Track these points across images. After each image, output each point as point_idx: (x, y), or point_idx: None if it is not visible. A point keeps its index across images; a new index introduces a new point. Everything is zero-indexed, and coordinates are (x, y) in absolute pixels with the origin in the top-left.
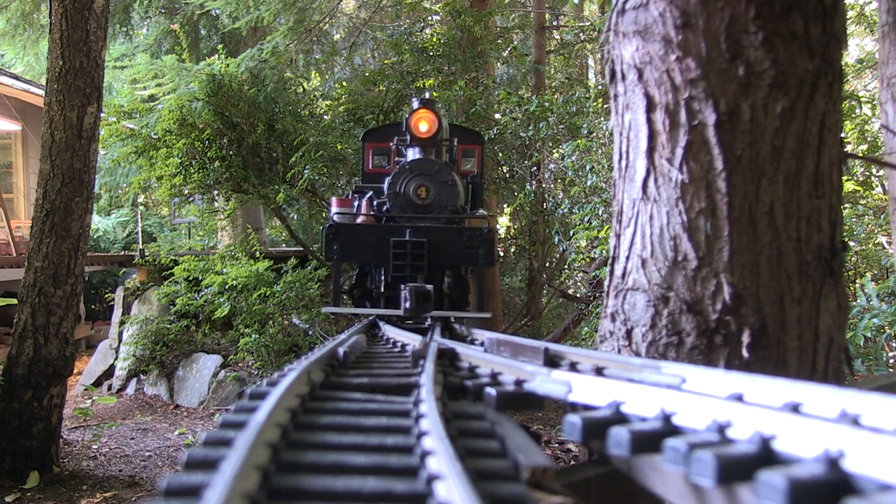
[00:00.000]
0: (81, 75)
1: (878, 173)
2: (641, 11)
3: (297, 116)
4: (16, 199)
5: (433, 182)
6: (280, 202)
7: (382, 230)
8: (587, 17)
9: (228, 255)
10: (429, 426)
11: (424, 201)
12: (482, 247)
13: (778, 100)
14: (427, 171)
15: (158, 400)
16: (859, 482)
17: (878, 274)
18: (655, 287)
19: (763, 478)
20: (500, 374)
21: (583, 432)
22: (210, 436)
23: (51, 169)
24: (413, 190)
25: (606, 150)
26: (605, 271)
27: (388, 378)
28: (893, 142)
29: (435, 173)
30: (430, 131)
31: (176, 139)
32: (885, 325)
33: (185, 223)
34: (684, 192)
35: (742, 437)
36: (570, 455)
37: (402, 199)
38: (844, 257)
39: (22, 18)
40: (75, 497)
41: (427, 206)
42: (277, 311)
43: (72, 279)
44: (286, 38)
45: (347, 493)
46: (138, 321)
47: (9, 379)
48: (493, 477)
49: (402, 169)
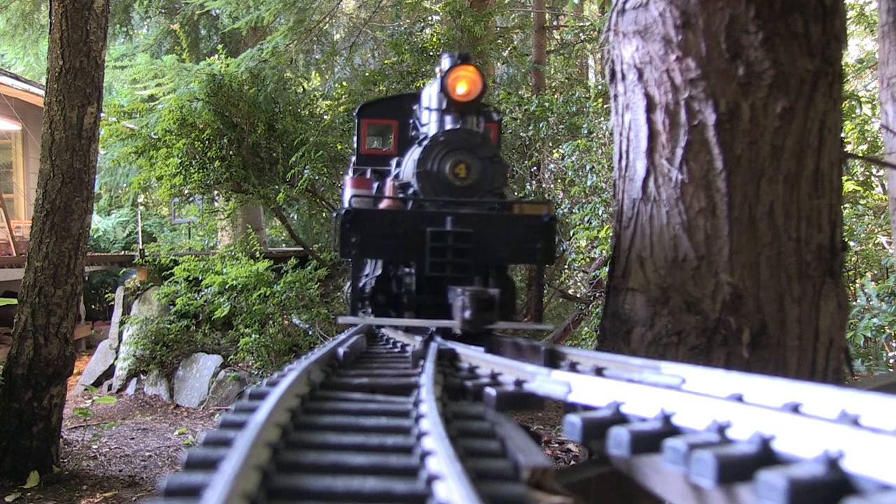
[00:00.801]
0: (81, 75)
1: (878, 173)
2: (641, 11)
3: (297, 116)
4: (16, 199)
5: (474, 158)
6: (280, 202)
7: (415, 218)
8: (587, 17)
9: (228, 255)
10: (429, 426)
11: (464, 182)
12: (542, 239)
13: (778, 100)
14: (467, 145)
15: (158, 400)
16: (859, 482)
17: (878, 274)
18: (655, 287)
19: (763, 478)
20: (500, 374)
21: (583, 433)
22: (210, 436)
23: (51, 169)
24: (450, 168)
25: (606, 150)
26: (605, 271)
27: (388, 378)
28: (893, 142)
29: (476, 147)
30: (470, 94)
31: (176, 139)
32: (885, 325)
33: (185, 223)
34: (684, 192)
35: (742, 438)
36: (570, 455)
37: (435, 180)
38: (844, 257)
39: (22, 18)
40: (75, 497)
41: (467, 188)
42: (277, 311)
43: (72, 279)
44: (286, 38)
45: (347, 493)
46: (138, 321)
47: (9, 379)
48: (493, 477)
49: (435, 141)
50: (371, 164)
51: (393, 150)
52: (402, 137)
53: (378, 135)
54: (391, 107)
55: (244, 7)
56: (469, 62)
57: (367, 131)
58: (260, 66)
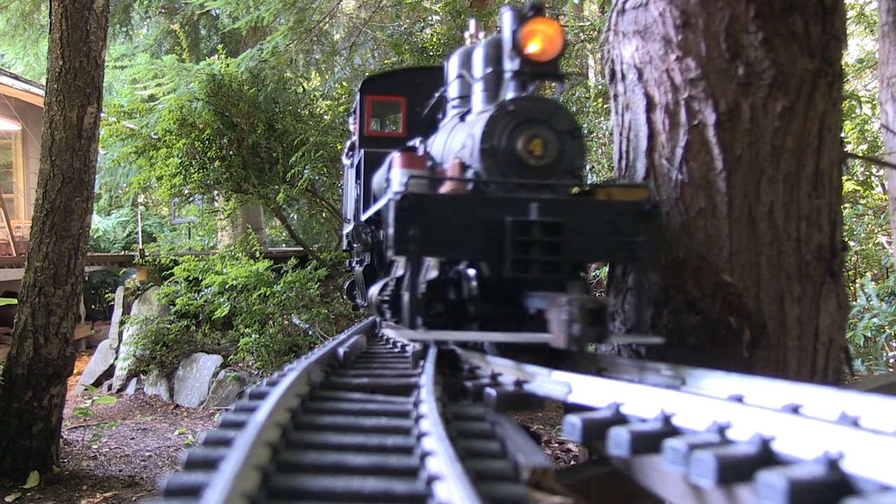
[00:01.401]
0: (81, 75)
1: (878, 173)
2: (641, 11)
3: (297, 116)
4: (16, 199)
5: (551, 132)
6: (280, 202)
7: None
8: (587, 17)
9: (228, 255)
10: (429, 427)
11: (540, 161)
12: (644, 231)
13: (778, 100)
14: (541, 115)
15: (158, 400)
16: (859, 483)
17: (878, 274)
18: (655, 287)
19: (763, 478)
20: (500, 374)
21: (583, 433)
22: (210, 435)
23: (51, 169)
24: (523, 144)
25: (606, 150)
26: (605, 271)
27: (388, 378)
28: (893, 142)
29: (551, 118)
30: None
31: (176, 139)
32: (885, 325)
33: (185, 223)
34: (684, 192)
35: (742, 438)
36: (570, 455)
37: (504, 158)
38: (844, 257)
39: (22, 18)
40: (75, 497)
41: (543, 168)
42: (277, 311)
43: (72, 279)
44: (286, 38)
45: (347, 493)
46: (138, 321)
47: (9, 379)
48: (494, 477)
49: (503, 111)
50: (375, 148)
51: (402, 131)
52: (412, 117)
53: (385, 114)
54: (399, 82)
55: (244, 7)
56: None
57: (372, 110)
58: (260, 66)
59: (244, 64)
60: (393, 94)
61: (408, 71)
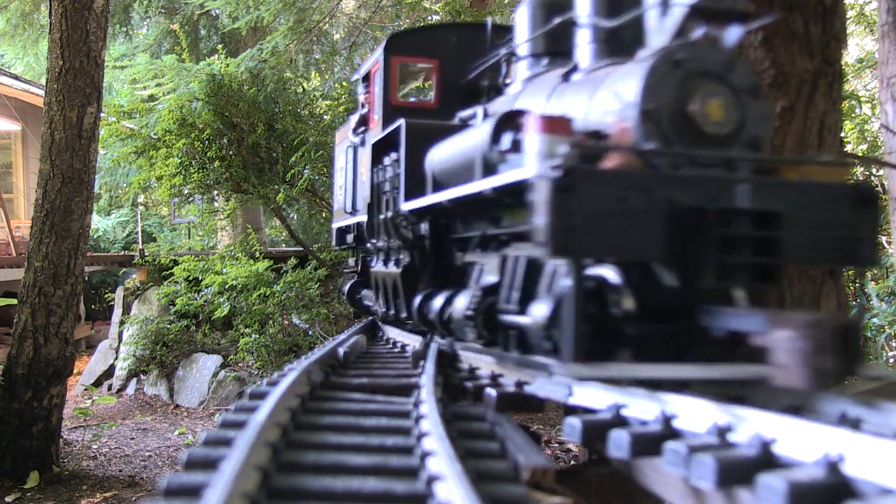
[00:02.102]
0: (81, 75)
1: (878, 173)
2: None
3: (297, 116)
4: (16, 199)
5: (732, 92)
6: (280, 202)
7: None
8: None
9: (228, 255)
10: (429, 427)
11: (722, 129)
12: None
13: (778, 100)
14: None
15: (158, 400)
16: (859, 486)
17: (878, 274)
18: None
19: (763, 481)
20: (500, 375)
21: (583, 435)
22: (210, 435)
23: (51, 169)
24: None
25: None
26: None
27: (389, 379)
28: (893, 142)
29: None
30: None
31: (176, 139)
32: (885, 324)
33: (185, 223)
34: None
35: (742, 441)
36: (570, 455)
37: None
38: None
39: (22, 18)
40: (75, 497)
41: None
42: (277, 311)
43: (72, 279)
44: (286, 38)
45: (347, 493)
46: (138, 321)
47: (9, 379)
48: (494, 477)
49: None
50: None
51: (435, 101)
52: (446, 84)
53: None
54: (431, 41)
55: (244, 7)
56: None
57: (398, 74)
58: (260, 66)
59: (244, 64)
60: (424, 55)
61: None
